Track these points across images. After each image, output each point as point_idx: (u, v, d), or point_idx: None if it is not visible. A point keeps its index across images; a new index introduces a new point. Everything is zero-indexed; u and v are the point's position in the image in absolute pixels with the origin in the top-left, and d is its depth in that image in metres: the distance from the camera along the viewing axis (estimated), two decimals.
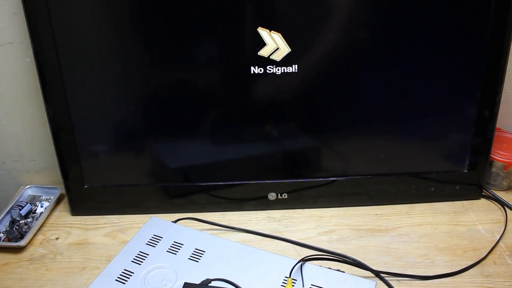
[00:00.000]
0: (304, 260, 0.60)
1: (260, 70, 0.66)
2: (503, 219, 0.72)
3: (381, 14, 0.65)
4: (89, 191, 0.74)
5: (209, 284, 0.56)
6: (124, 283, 0.58)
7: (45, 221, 0.74)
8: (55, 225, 0.74)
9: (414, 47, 0.67)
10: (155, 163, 0.74)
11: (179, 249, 0.63)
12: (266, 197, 0.74)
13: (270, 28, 0.64)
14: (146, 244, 0.64)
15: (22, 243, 0.68)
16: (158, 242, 0.64)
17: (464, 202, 0.76)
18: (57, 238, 0.71)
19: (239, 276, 0.58)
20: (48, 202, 0.77)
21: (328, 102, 0.70)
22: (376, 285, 0.56)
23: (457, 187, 0.75)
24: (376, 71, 0.68)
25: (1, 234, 0.71)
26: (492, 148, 0.73)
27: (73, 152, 0.71)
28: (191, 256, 0.62)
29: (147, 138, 0.72)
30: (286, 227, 0.72)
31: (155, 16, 0.64)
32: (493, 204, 0.75)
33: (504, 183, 0.77)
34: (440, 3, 0.64)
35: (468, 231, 0.70)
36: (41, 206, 0.76)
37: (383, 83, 0.69)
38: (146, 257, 0.62)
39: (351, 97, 0.70)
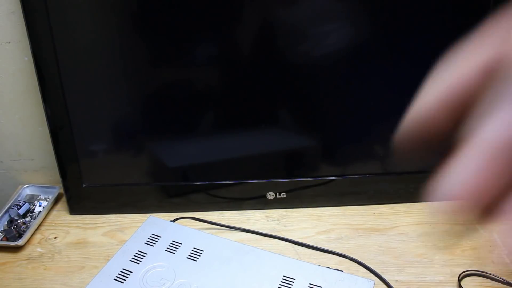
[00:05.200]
0: None
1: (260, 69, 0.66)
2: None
3: (382, 14, 0.65)
4: (88, 190, 0.74)
5: None
6: (123, 282, 0.58)
7: (43, 220, 0.74)
8: (53, 224, 0.74)
9: (413, 46, 0.67)
10: (153, 162, 0.74)
11: (177, 248, 0.63)
12: (265, 196, 0.74)
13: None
14: (145, 243, 0.64)
15: (20, 242, 0.68)
16: (156, 241, 0.64)
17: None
18: (55, 238, 0.71)
19: (237, 275, 0.58)
20: (47, 201, 0.77)
21: (328, 101, 0.70)
22: (374, 284, 0.56)
23: None
24: (375, 70, 0.68)
25: None
26: None
27: (71, 151, 0.71)
28: (189, 255, 0.62)
29: (145, 137, 0.72)
30: (285, 226, 0.72)
31: (154, 14, 0.64)
32: None
33: None
34: (440, 4, 0.64)
35: (466, 230, 0.70)
36: (39, 205, 0.76)
37: (382, 82, 0.69)
38: (144, 256, 0.62)
39: (350, 96, 0.70)
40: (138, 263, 0.60)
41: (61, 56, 0.65)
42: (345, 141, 0.73)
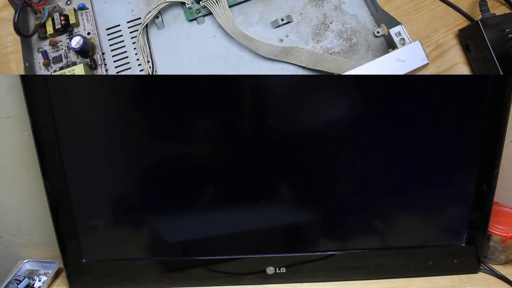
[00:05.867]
0: None
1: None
2: None
3: (383, 93, 0.65)
4: (87, 265, 0.73)
5: None
6: None
7: None
8: None
9: (412, 122, 0.67)
10: (153, 237, 0.73)
11: None
12: (264, 271, 0.74)
13: None
14: None
15: None
16: None
17: (462, 276, 0.76)
18: None
19: None
20: (46, 276, 0.77)
21: (327, 177, 0.70)
22: None
23: (455, 261, 0.75)
24: (375, 146, 0.68)
25: None
26: (490, 222, 0.74)
27: (71, 226, 0.71)
28: None
29: (145, 212, 0.72)
30: None
31: (154, 93, 0.64)
32: (491, 278, 0.75)
33: (502, 257, 0.77)
34: (438, 81, 0.64)
35: None
36: (39, 281, 0.76)
37: (381, 156, 0.69)
38: None
39: (349, 172, 0.70)
40: None
41: (61, 131, 0.65)
42: (345, 216, 0.72)
